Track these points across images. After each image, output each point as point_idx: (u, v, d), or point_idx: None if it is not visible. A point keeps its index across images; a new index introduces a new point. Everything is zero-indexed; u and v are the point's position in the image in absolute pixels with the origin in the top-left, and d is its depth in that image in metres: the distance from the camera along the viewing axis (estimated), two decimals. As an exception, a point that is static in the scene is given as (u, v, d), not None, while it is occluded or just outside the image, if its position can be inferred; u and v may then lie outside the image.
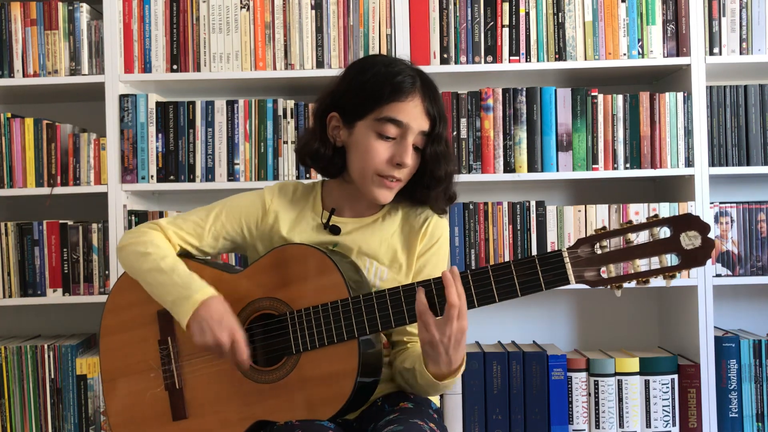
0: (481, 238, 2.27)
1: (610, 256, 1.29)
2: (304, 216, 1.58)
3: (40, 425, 2.29)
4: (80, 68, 2.32)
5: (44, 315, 2.54)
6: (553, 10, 2.29)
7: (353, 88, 1.51)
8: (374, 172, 1.48)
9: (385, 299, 1.39)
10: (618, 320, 2.55)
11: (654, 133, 2.28)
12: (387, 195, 1.51)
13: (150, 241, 1.52)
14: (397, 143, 1.48)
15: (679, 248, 1.26)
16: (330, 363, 1.40)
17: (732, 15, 2.28)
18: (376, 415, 1.45)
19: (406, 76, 1.48)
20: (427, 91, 1.50)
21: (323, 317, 1.41)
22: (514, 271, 1.33)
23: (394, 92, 1.46)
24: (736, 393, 2.26)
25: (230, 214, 1.57)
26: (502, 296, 1.34)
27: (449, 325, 1.32)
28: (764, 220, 2.29)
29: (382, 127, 1.47)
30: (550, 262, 1.31)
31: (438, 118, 1.50)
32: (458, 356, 1.36)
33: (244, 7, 2.31)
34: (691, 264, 1.25)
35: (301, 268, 1.45)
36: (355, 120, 1.50)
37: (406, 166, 1.48)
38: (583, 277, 1.30)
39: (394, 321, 1.39)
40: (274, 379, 1.43)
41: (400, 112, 1.46)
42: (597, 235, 1.30)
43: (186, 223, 1.57)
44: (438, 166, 1.51)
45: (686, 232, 1.25)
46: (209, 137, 2.30)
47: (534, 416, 2.25)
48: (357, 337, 1.39)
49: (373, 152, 1.47)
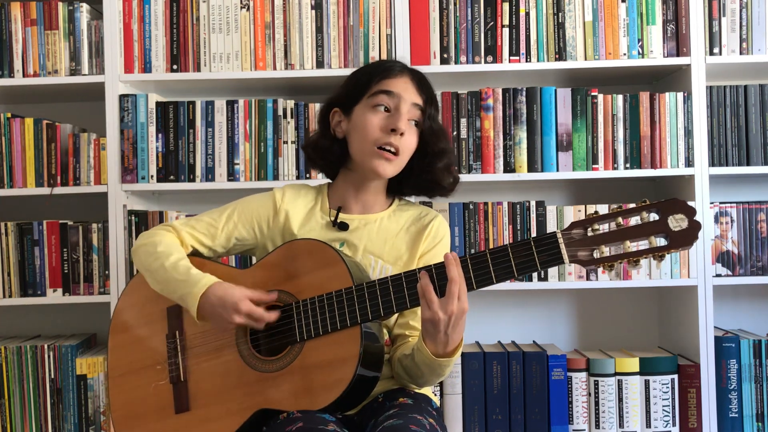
0: (481, 238, 2.27)
1: (602, 238, 1.34)
2: (313, 215, 1.63)
3: (40, 425, 2.30)
4: (80, 68, 2.32)
5: (44, 315, 2.54)
6: (553, 10, 2.29)
7: (350, 83, 1.63)
8: (372, 143, 1.55)
9: (387, 285, 1.42)
10: (618, 320, 2.55)
11: (654, 133, 2.28)
12: (386, 167, 1.56)
13: (160, 241, 1.57)
14: (391, 114, 1.56)
15: (668, 230, 1.31)
16: (332, 349, 1.43)
17: (732, 15, 2.28)
18: (376, 410, 1.47)
19: (395, 63, 1.62)
20: (417, 74, 1.61)
21: (327, 305, 1.44)
22: (510, 253, 1.37)
23: (384, 71, 1.59)
24: (736, 393, 2.26)
25: (242, 215, 1.63)
26: (499, 277, 1.38)
27: (450, 302, 1.36)
28: (764, 220, 2.29)
29: (375, 100, 1.56)
30: (545, 244, 1.36)
31: (429, 98, 1.60)
32: (456, 337, 1.40)
33: (244, 7, 2.31)
34: (679, 244, 1.31)
35: (307, 261, 1.49)
36: (353, 105, 1.60)
37: (401, 131, 1.54)
38: (576, 257, 1.35)
39: (396, 305, 1.42)
40: (277, 368, 1.45)
41: (390, 84, 1.57)
42: (589, 219, 1.36)
43: (199, 223, 1.63)
44: (437, 140, 1.60)
45: (673, 215, 1.31)
46: (209, 137, 2.30)
47: (534, 416, 2.25)
48: (360, 323, 1.41)
49: (369, 124, 1.55)
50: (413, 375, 1.51)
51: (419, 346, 1.44)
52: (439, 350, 1.41)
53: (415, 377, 1.51)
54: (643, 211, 1.33)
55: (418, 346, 1.44)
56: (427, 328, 1.40)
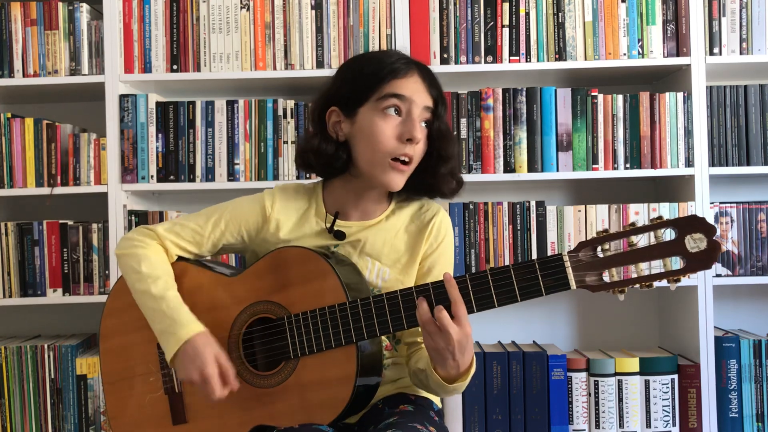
0: (481, 238, 2.27)
1: (613, 260, 1.24)
2: (306, 220, 1.54)
3: (40, 425, 2.30)
4: (80, 68, 2.32)
5: (44, 315, 2.54)
6: (553, 10, 2.29)
7: (349, 78, 1.49)
8: (386, 154, 1.43)
9: (383, 304, 1.36)
10: (618, 320, 2.55)
11: (654, 133, 2.28)
12: (399, 180, 1.46)
13: (144, 256, 1.49)
14: (403, 120, 1.44)
15: (684, 251, 1.21)
16: (328, 368, 1.39)
17: (732, 15, 2.28)
18: (376, 417, 1.45)
19: (400, 58, 1.48)
20: (425, 70, 1.49)
21: (321, 322, 1.39)
22: (513, 276, 1.29)
23: (392, 71, 1.44)
24: (736, 393, 2.26)
25: (230, 222, 1.54)
26: (501, 302, 1.30)
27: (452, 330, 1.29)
28: (764, 220, 2.29)
29: (385, 104, 1.44)
30: (550, 267, 1.27)
31: (439, 95, 1.49)
32: (465, 359, 1.34)
33: (244, 7, 2.31)
34: (696, 267, 1.21)
35: (298, 271, 1.43)
36: (357, 107, 1.46)
37: (417, 141, 1.44)
38: (584, 282, 1.26)
39: (393, 326, 1.36)
40: (272, 383, 1.42)
41: (402, 87, 1.44)
42: (599, 238, 1.25)
43: (184, 230, 1.54)
44: (446, 143, 1.49)
45: (691, 235, 1.21)
46: (209, 137, 2.30)
47: (534, 416, 2.25)
48: (355, 342, 1.37)
49: (381, 133, 1.43)
50: (430, 391, 1.47)
51: (430, 372, 1.38)
52: (451, 374, 1.35)
53: (432, 392, 1.48)
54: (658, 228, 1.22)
55: (429, 372, 1.39)
56: (433, 356, 1.35)
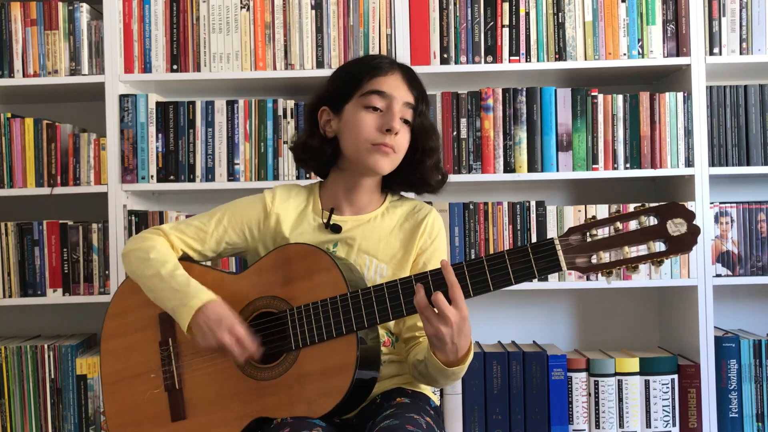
0: (481, 238, 2.27)
1: (600, 243, 1.32)
2: (305, 216, 1.61)
3: (40, 425, 2.30)
4: (80, 68, 2.32)
5: (44, 315, 2.54)
6: (553, 10, 2.29)
7: (338, 79, 1.61)
8: (367, 141, 1.53)
9: (383, 293, 1.40)
10: (618, 320, 2.55)
11: (654, 133, 2.28)
12: (384, 162, 1.55)
13: (152, 247, 1.54)
14: (383, 114, 1.54)
15: (667, 235, 1.29)
16: (328, 357, 1.41)
17: (732, 15, 2.28)
18: (374, 412, 1.46)
19: (385, 59, 1.60)
20: (407, 70, 1.59)
21: (322, 313, 1.42)
22: (507, 260, 1.35)
23: (373, 69, 1.56)
24: (736, 393, 2.26)
25: (232, 219, 1.61)
26: (497, 285, 1.36)
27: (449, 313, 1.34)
28: (764, 220, 2.29)
29: (367, 100, 1.54)
30: (542, 250, 1.34)
31: (420, 94, 1.58)
32: (464, 343, 1.39)
33: (244, 7, 2.31)
34: (678, 249, 1.29)
35: (300, 266, 1.47)
36: (343, 104, 1.57)
37: (396, 131, 1.52)
38: (574, 264, 1.33)
39: (392, 314, 1.40)
40: (273, 376, 1.44)
41: (382, 84, 1.55)
42: (587, 224, 1.34)
43: (189, 228, 1.60)
44: (427, 137, 1.59)
45: (672, 220, 1.29)
46: (209, 137, 2.30)
47: (534, 416, 2.25)
48: (356, 330, 1.40)
49: (362, 123, 1.53)
50: (430, 380, 1.50)
51: (429, 357, 1.42)
52: (450, 359, 1.40)
53: (432, 382, 1.51)
54: (642, 215, 1.31)
55: (429, 357, 1.43)
56: (432, 341, 1.39)
